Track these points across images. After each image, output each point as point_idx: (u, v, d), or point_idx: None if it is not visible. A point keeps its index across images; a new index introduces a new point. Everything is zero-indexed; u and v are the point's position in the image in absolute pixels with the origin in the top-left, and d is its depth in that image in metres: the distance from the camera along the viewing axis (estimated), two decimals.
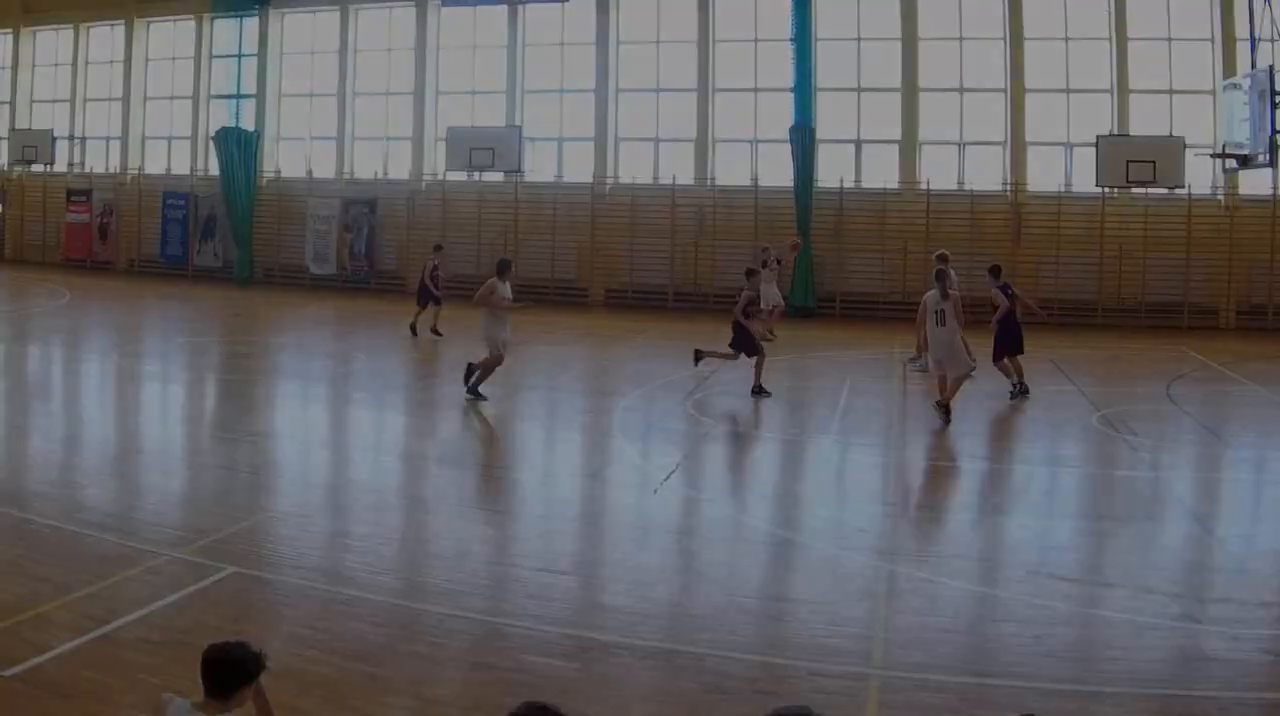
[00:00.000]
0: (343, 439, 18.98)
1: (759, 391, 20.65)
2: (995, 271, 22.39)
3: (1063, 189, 34.90)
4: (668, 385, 21.77)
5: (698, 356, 21.93)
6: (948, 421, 18.53)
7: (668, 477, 15.22)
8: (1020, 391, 21.23)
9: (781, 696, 8.37)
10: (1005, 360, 21.48)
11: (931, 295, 19.56)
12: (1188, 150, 33.06)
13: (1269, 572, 11.73)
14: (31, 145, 45.45)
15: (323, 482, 15.28)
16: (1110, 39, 34.63)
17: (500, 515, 13.91)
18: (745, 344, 21.38)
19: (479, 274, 38.01)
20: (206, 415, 20.40)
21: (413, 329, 28.67)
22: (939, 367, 19.41)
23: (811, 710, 4.84)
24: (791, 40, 35.95)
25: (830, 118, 36.46)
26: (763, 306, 26.45)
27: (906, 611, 10.42)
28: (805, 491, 15.61)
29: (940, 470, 16.96)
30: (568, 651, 9.35)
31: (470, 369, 20.21)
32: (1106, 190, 33.85)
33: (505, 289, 20.68)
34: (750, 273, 22.42)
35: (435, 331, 28.24)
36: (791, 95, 35.91)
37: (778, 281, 30.60)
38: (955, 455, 17.76)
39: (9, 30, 47.51)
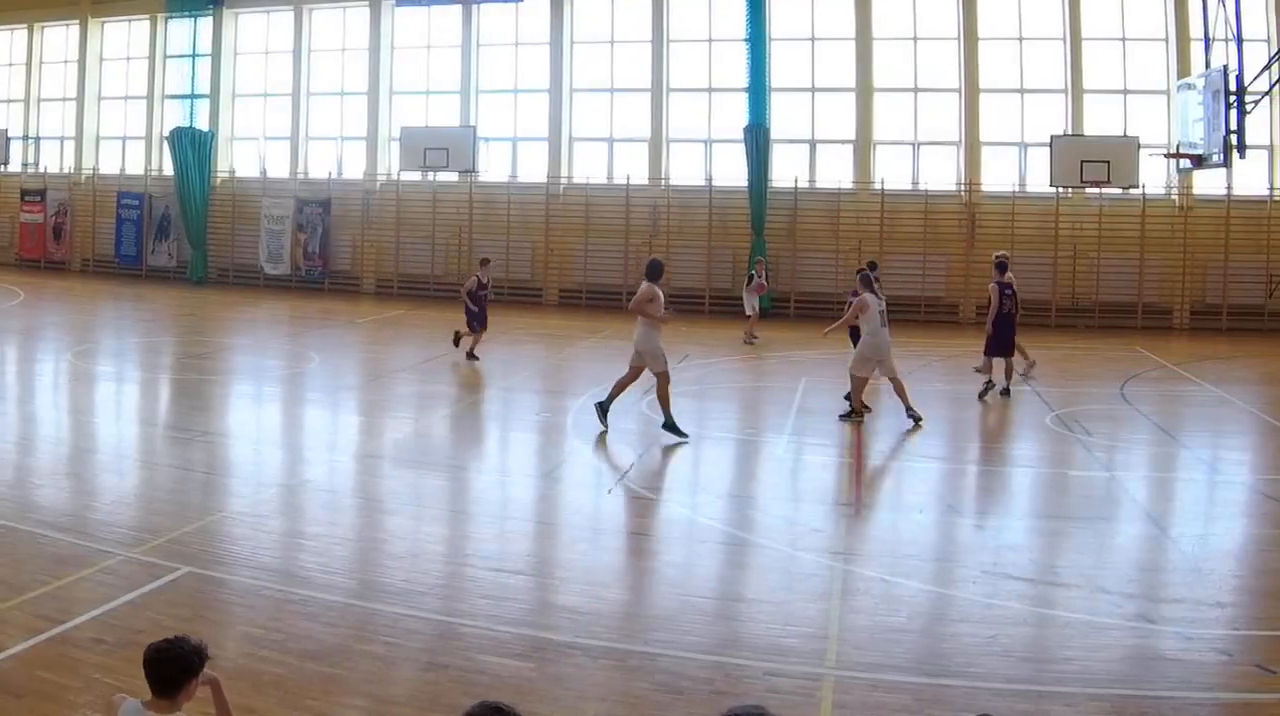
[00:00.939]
0: (296, 438, 18.18)
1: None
2: (1001, 267, 21.49)
3: (1017, 189, 33.79)
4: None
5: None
6: (918, 423, 18.02)
7: (622, 477, 14.83)
8: (988, 389, 20.83)
9: (736, 696, 8.18)
10: (989, 358, 21.03)
11: (873, 298, 18.75)
12: (1142, 150, 32.08)
13: (1223, 572, 11.33)
14: None
15: (276, 482, 14.56)
16: (1064, 39, 33.52)
17: (455, 515, 13.50)
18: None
19: (433, 274, 37.63)
20: (160, 415, 19.61)
21: (470, 354, 24.06)
22: (885, 369, 18.63)
23: (766, 710, 4.54)
24: (746, 40, 34.68)
25: (785, 118, 35.18)
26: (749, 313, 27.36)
27: (861, 611, 10.08)
28: (760, 491, 14.97)
29: (895, 470, 16.43)
30: (522, 651, 9.06)
31: (602, 408, 17.42)
32: (1061, 190, 32.80)
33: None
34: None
35: (472, 355, 24.14)
36: (746, 95, 34.65)
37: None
38: (910, 455, 17.06)
39: None
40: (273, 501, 13.51)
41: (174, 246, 40.81)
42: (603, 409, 17.36)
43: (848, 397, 18.76)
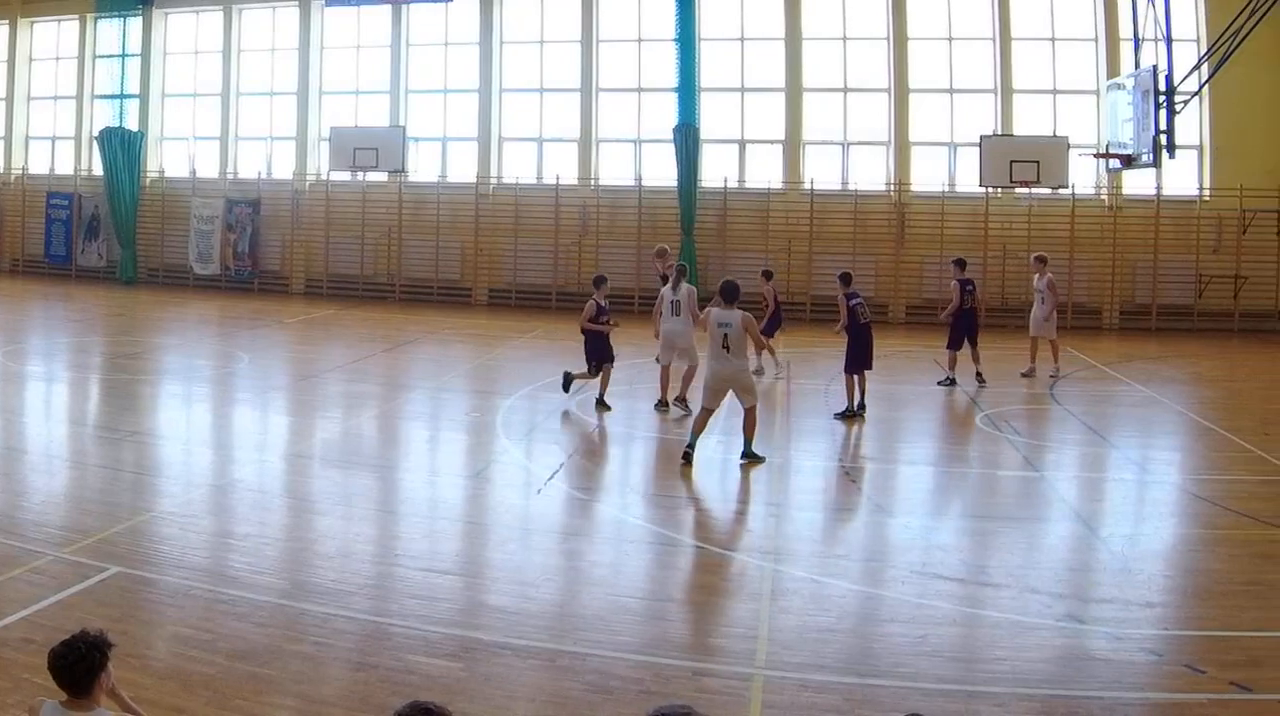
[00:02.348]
0: (226, 438, 17.13)
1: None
2: (960, 264, 21.99)
3: (946, 189, 31.79)
4: (551, 385, 19.68)
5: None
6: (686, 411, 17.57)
7: (551, 477, 14.26)
8: (950, 382, 20.94)
9: (666, 696, 7.93)
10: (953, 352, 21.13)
11: (667, 290, 18.63)
12: (1071, 150, 30.37)
13: (1152, 572, 10.90)
14: None
15: (206, 482, 13.84)
16: (994, 39, 31.62)
17: (384, 515, 12.93)
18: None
19: (362, 274, 35.19)
20: (90, 415, 18.67)
21: (600, 403, 18.61)
22: (688, 357, 18.30)
23: (694, 710, 4.29)
24: (675, 40, 32.41)
25: (714, 118, 32.93)
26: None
27: (790, 611, 9.72)
28: (689, 491, 14.16)
29: (824, 470, 15.44)
30: (452, 651, 8.77)
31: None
32: (990, 190, 30.86)
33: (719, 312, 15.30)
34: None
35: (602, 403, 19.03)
36: (675, 95, 32.40)
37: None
38: (840, 455, 16.39)
39: None
40: (202, 501, 12.93)
41: (104, 246, 38.08)
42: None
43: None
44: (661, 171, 32.95)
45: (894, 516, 13.02)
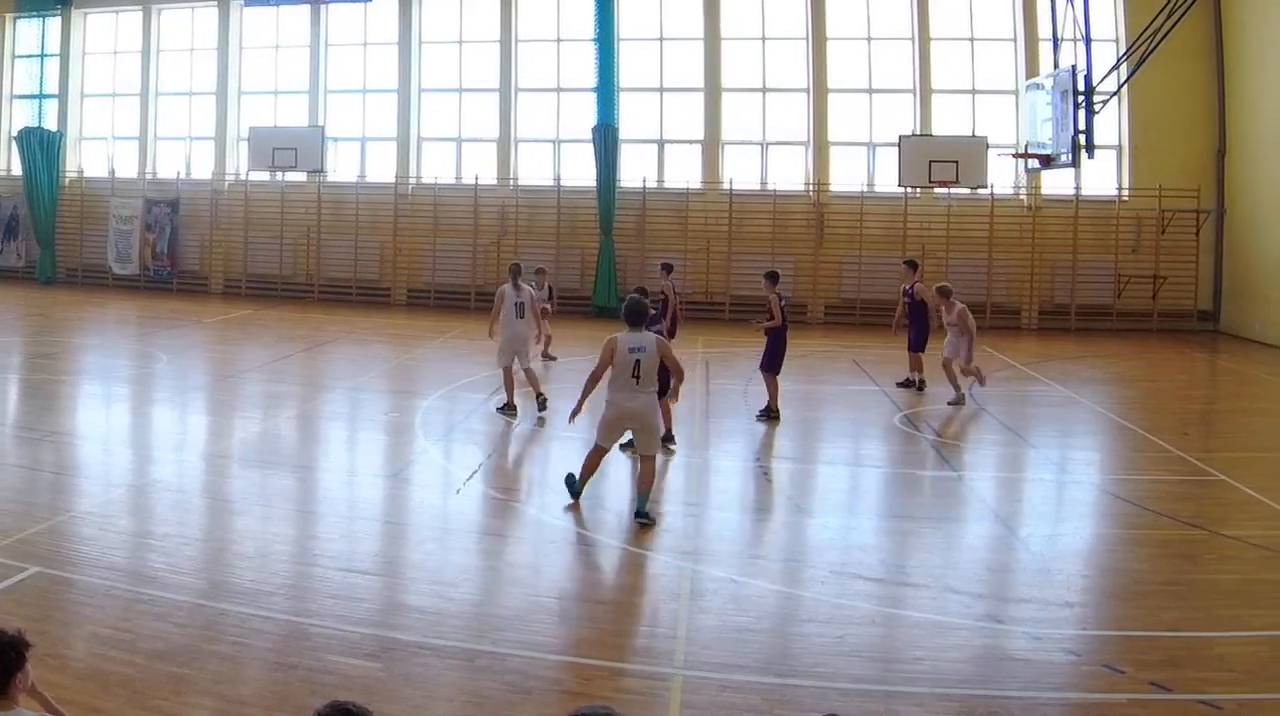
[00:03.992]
0: (145, 438, 15.93)
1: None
2: (912, 265, 20.40)
3: (865, 189, 29.50)
4: (470, 385, 18.71)
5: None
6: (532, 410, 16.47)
7: (470, 477, 13.30)
8: (913, 384, 19.45)
9: (585, 696, 7.41)
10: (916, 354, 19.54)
11: (510, 290, 16.95)
12: (990, 150, 28.29)
13: (1071, 573, 10.22)
14: None
15: (125, 482, 12.85)
16: (913, 39, 29.42)
17: (303, 515, 12.03)
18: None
19: (281, 274, 32.52)
20: (8, 415, 17.17)
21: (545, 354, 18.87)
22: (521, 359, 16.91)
23: (613, 710, 4.05)
24: (594, 40, 30.04)
25: (633, 118, 30.51)
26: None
27: (709, 611, 9.14)
28: (607, 491, 12.97)
29: (743, 470, 14.28)
30: (371, 651, 8.09)
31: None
32: (909, 190, 28.66)
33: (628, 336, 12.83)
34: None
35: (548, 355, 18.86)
36: (594, 95, 30.02)
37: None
38: (758, 455, 15.08)
39: None
40: (121, 501, 12.07)
41: (22, 246, 35.13)
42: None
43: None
44: (580, 171, 30.57)
45: (812, 516, 12.18)
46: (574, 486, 11.98)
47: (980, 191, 28.38)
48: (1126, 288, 27.85)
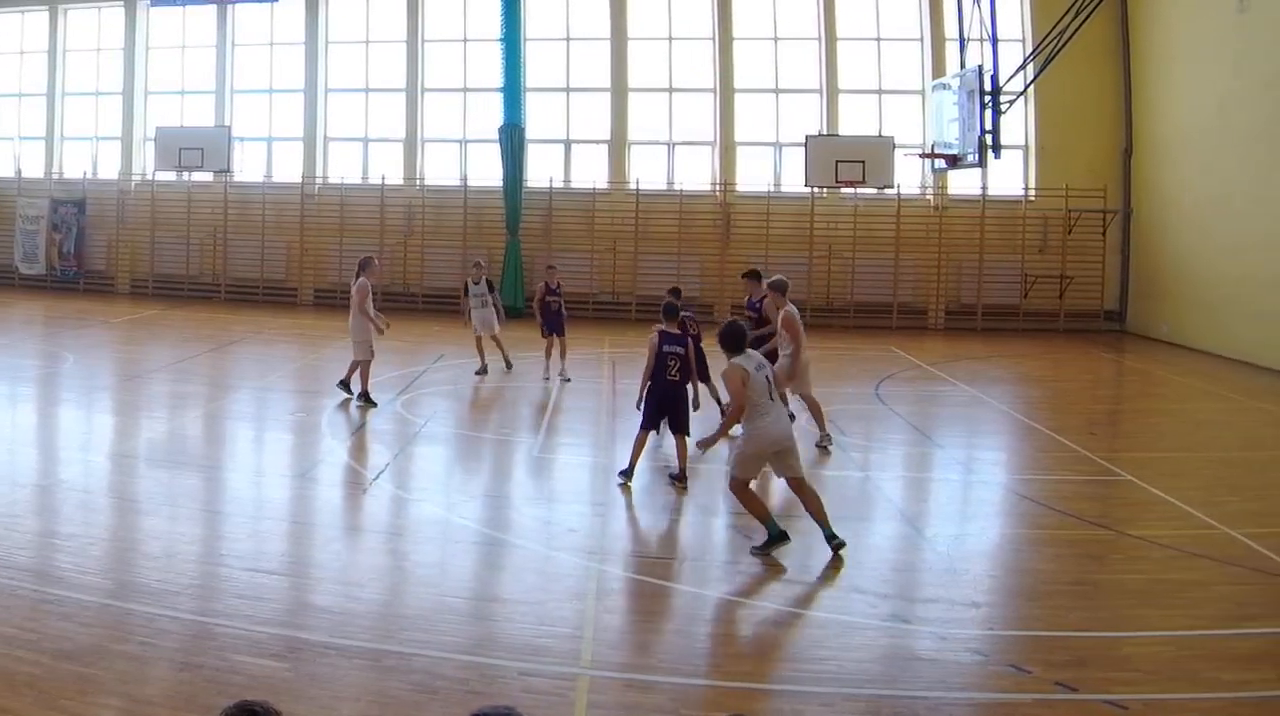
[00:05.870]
0: (50, 438, 14.89)
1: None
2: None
3: (772, 189, 27.14)
4: (377, 385, 16.97)
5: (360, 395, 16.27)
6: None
7: (377, 477, 12.46)
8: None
9: (491, 696, 6.92)
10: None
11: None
12: (897, 150, 26.00)
13: (977, 573, 9.47)
14: None
15: (30, 482, 11.94)
16: (819, 39, 27.08)
17: (209, 515, 11.10)
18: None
19: (188, 274, 29.73)
20: None
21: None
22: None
23: (515, 710, 3.59)
24: (501, 40, 27.45)
25: (540, 117, 28.06)
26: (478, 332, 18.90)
27: (616, 611, 8.53)
28: (515, 491, 12.72)
29: (649, 470, 12.96)
30: (277, 651, 7.51)
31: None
32: (816, 190, 26.35)
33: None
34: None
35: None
36: (501, 95, 27.48)
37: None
38: (666, 457, 13.49)
39: None
40: (27, 501, 11.28)
41: None
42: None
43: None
44: (487, 171, 28.02)
45: (718, 516, 11.33)
46: (769, 537, 9.80)
47: (887, 191, 26.15)
48: (1033, 288, 25.70)
